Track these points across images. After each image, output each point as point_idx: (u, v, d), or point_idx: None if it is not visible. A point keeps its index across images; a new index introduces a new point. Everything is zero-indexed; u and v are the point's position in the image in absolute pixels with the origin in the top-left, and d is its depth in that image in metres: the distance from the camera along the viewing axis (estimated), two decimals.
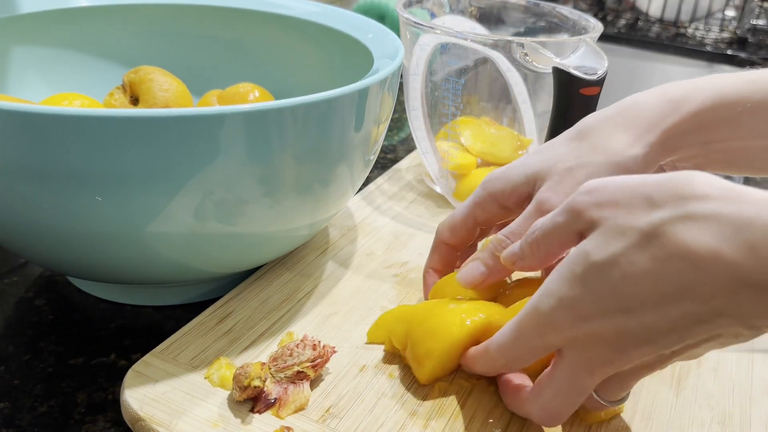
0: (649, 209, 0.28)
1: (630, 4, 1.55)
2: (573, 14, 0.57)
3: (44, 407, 0.36)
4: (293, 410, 0.35)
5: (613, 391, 0.33)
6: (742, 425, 0.37)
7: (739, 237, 0.25)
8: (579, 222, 0.30)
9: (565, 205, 0.32)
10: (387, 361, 0.39)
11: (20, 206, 0.34)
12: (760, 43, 1.40)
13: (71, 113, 0.30)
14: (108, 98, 0.52)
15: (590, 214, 0.30)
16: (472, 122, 0.57)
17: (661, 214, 0.27)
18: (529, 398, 0.34)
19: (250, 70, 0.57)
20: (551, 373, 0.32)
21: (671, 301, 0.27)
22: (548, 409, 0.33)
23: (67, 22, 0.54)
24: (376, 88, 0.39)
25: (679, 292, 0.27)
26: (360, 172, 0.44)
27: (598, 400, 0.33)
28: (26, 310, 0.44)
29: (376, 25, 0.51)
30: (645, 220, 0.28)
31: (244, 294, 0.44)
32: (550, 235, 0.33)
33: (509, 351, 0.33)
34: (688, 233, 0.26)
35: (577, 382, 0.31)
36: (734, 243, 0.26)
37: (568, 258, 0.30)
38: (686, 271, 0.26)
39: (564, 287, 0.30)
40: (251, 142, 0.34)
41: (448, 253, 0.43)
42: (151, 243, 0.36)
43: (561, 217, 0.32)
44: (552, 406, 0.33)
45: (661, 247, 0.27)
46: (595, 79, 0.45)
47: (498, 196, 0.40)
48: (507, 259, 0.36)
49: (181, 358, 0.38)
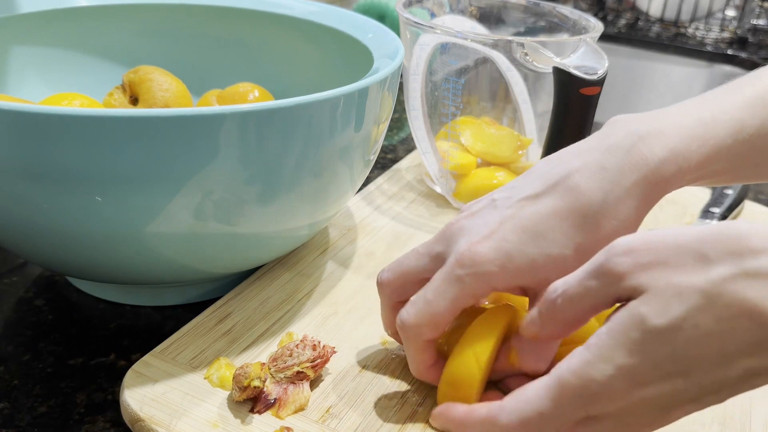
0: (705, 267, 0.26)
1: (630, 3, 1.55)
2: (573, 14, 0.57)
3: (44, 407, 0.36)
4: (293, 410, 0.35)
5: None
6: (743, 425, 0.37)
7: None
8: (618, 286, 0.28)
9: (597, 267, 0.29)
10: (387, 361, 0.39)
11: (19, 206, 0.34)
12: (760, 43, 1.40)
13: (71, 113, 0.30)
14: (107, 98, 0.51)
15: (635, 278, 0.28)
16: (472, 122, 0.57)
17: (719, 272, 0.26)
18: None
19: (250, 70, 0.57)
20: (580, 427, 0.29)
21: (733, 360, 0.26)
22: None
23: (67, 21, 0.54)
24: (376, 88, 0.39)
25: (743, 352, 0.26)
26: (360, 172, 0.44)
27: None
28: (26, 310, 0.44)
29: (376, 24, 0.51)
30: (703, 279, 0.26)
31: (244, 294, 0.44)
32: (578, 301, 0.30)
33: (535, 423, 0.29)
34: (751, 291, 0.25)
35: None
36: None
37: (622, 322, 0.28)
38: (752, 331, 0.26)
39: (621, 354, 0.27)
40: (251, 142, 0.34)
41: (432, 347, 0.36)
42: (150, 243, 0.36)
43: (594, 281, 0.29)
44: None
45: (725, 308, 0.26)
46: (595, 79, 0.45)
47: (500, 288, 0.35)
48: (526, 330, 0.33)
49: (181, 358, 0.38)
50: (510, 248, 0.34)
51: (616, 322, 0.28)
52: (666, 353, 0.27)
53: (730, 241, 0.27)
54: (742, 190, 0.62)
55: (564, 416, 0.29)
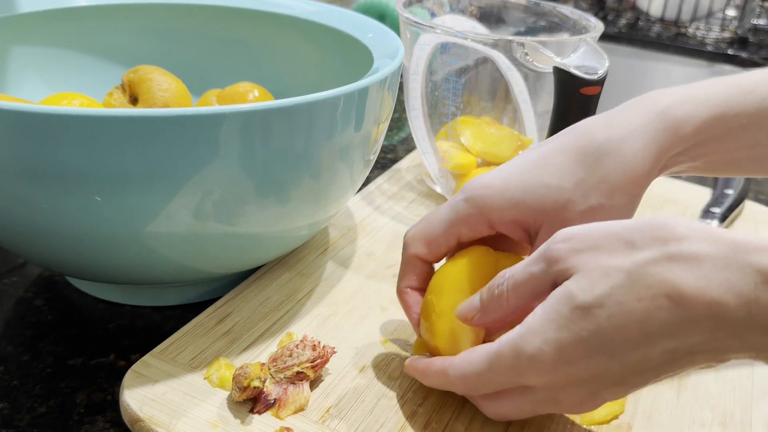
0: (631, 251, 0.28)
1: (631, 3, 1.55)
2: (573, 14, 0.57)
3: (43, 407, 0.36)
4: (293, 411, 0.35)
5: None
6: (743, 426, 0.37)
7: (720, 277, 0.26)
8: (555, 270, 0.30)
9: (540, 255, 0.31)
10: (387, 361, 0.39)
11: (19, 206, 0.34)
12: (760, 42, 1.40)
13: (70, 113, 0.30)
14: (107, 98, 0.51)
15: (569, 260, 0.29)
16: (472, 122, 0.56)
17: (643, 255, 0.28)
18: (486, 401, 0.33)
19: (250, 70, 0.57)
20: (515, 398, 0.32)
21: (654, 340, 0.28)
22: (500, 415, 0.33)
23: (67, 21, 0.54)
24: (376, 88, 0.39)
25: (662, 332, 0.27)
26: (360, 172, 0.44)
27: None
28: (25, 310, 0.44)
29: (376, 24, 0.51)
30: (629, 261, 0.28)
31: (244, 294, 0.44)
32: (522, 285, 0.31)
33: (473, 381, 0.32)
34: (672, 273, 0.27)
35: (540, 410, 0.32)
36: (717, 283, 0.26)
37: (553, 298, 0.29)
38: (671, 311, 0.27)
39: (550, 328, 0.29)
40: (251, 142, 0.34)
41: (423, 269, 0.38)
42: (150, 243, 0.36)
43: (536, 266, 0.31)
44: (505, 414, 0.33)
45: (647, 287, 0.27)
46: (595, 79, 0.45)
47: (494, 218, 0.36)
48: (463, 314, 0.34)
49: (181, 358, 0.38)
50: (509, 176, 0.35)
51: (550, 299, 0.30)
52: (591, 329, 0.28)
53: (656, 229, 0.28)
54: (743, 190, 0.62)
55: (497, 380, 0.31)
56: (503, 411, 0.33)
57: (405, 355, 0.40)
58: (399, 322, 0.43)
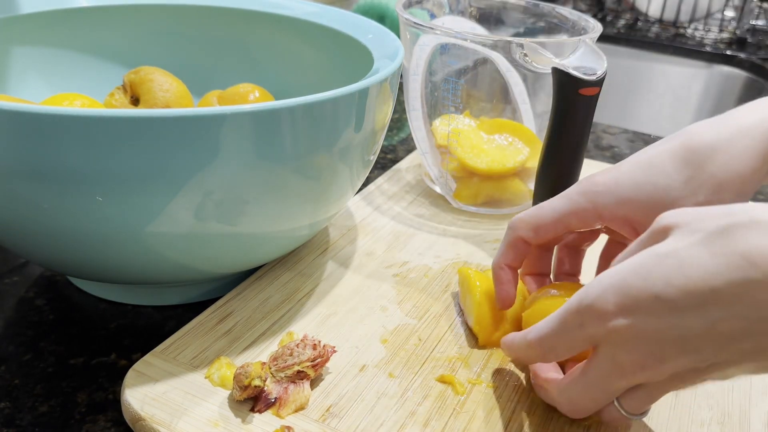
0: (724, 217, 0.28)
1: (629, 4, 1.55)
2: (572, 15, 0.57)
3: (45, 407, 0.36)
4: (293, 410, 0.35)
5: (637, 403, 0.32)
6: (742, 425, 0.37)
7: None
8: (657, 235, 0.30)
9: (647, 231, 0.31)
10: (387, 361, 0.39)
11: (20, 206, 0.34)
12: (759, 43, 1.40)
13: (71, 113, 0.30)
14: (108, 98, 0.52)
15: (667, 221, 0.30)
16: (468, 136, 0.56)
17: (732, 219, 0.27)
18: (558, 388, 0.34)
19: (250, 70, 0.57)
20: (584, 370, 0.32)
21: (719, 301, 0.27)
22: (574, 403, 0.33)
23: (68, 22, 0.54)
24: (376, 88, 0.39)
25: (729, 290, 0.26)
26: (360, 172, 0.44)
27: (619, 409, 0.32)
28: (27, 310, 0.44)
29: (375, 25, 0.51)
30: (716, 224, 0.28)
31: (244, 294, 0.44)
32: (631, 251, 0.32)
33: (548, 340, 0.33)
34: (753, 237, 0.26)
35: (607, 383, 0.31)
36: None
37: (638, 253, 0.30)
38: (742, 269, 0.26)
39: (616, 276, 0.29)
40: (251, 143, 0.34)
41: (524, 250, 0.40)
42: (151, 243, 0.36)
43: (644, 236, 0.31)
44: (578, 401, 0.33)
45: (723, 246, 0.27)
46: (594, 80, 0.45)
47: (605, 214, 0.37)
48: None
49: (182, 357, 0.38)
50: (620, 175, 0.37)
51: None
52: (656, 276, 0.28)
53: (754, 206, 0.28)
54: None
55: (567, 334, 0.32)
56: (575, 393, 0.33)
57: (405, 355, 0.40)
58: (399, 322, 0.43)
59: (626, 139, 0.82)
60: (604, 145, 0.80)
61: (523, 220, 0.40)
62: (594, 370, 0.31)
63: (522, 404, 0.37)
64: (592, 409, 0.33)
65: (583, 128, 0.48)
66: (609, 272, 0.30)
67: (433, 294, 0.46)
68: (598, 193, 0.37)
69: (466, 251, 0.52)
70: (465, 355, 0.40)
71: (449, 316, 0.44)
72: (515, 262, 0.41)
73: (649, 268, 0.28)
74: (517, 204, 0.58)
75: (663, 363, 0.29)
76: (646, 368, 0.29)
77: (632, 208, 0.36)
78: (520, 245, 0.40)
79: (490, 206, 0.58)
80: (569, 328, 0.31)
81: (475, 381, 0.38)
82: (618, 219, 0.37)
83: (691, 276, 0.27)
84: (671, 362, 0.29)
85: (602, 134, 0.83)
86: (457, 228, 0.55)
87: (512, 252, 0.40)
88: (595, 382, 0.31)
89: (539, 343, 0.33)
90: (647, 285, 0.28)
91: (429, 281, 0.47)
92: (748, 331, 0.27)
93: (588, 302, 0.30)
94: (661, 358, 0.29)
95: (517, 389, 0.38)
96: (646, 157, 0.37)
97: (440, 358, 0.40)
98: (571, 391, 0.33)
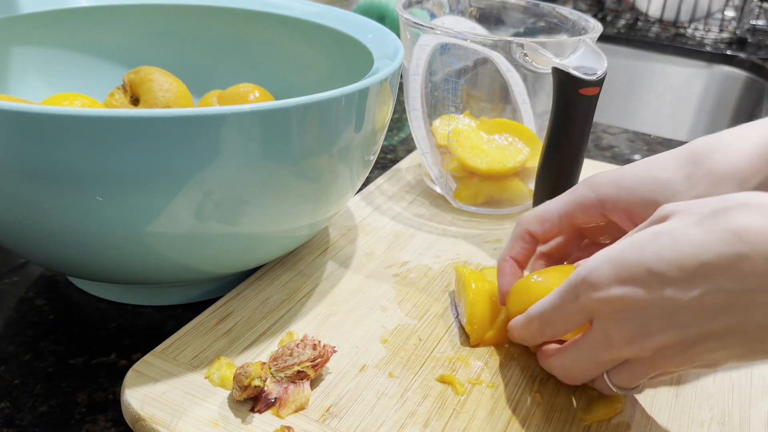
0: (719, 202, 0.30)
1: (629, 4, 1.55)
2: (572, 14, 0.57)
3: (45, 407, 0.36)
4: (293, 410, 0.35)
5: (624, 377, 0.34)
6: (742, 425, 0.37)
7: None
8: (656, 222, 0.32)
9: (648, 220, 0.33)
10: (387, 361, 0.39)
11: (20, 206, 0.34)
12: (759, 43, 1.40)
13: (71, 113, 0.30)
14: (108, 98, 0.52)
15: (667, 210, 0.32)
16: (468, 136, 0.56)
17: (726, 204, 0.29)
18: (554, 356, 0.36)
19: (250, 70, 0.57)
20: (577, 341, 0.35)
21: (707, 274, 0.28)
22: (567, 371, 0.36)
23: (68, 22, 0.54)
24: (376, 88, 0.39)
25: (718, 264, 0.28)
26: (360, 172, 0.44)
27: (607, 381, 0.34)
28: (27, 310, 0.44)
29: (376, 25, 0.51)
30: (710, 208, 0.30)
31: (244, 294, 0.44)
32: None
33: (546, 314, 0.35)
34: (744, 216, 0.28)
35: (596, 355, 0.33)
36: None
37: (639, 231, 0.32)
38: (731, 244, 0.28)
39: (613, 251, 0.31)
40: (251, 143, 0.34)
41: (530, 244, 0.42)
42: (151, 243, 0.36)
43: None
44: (570, 370, 0.36)
45: (715, 224, 0.28)
46: (594, 80, 0.45)
47: (608, 205, 0.39)
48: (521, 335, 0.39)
49: (182, 357, 0.38)
50: (624, 171, 0.39)
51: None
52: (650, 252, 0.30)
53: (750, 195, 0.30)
54: None
55: (564, 308, 0.34)
56: (568, 360, 0.35)
57: (405, 355, 0.40)
58: (399, 322, 0.43)
59: (626, 139, 0.82)
60: (604, 145, 0.80)
61: (530, 215, 0.42)
62: (586, 342, 0.34)
63: (522, 404, 0.37)
64: (583, 379, 0.36)
65: (583, 128, 0.48)
66: (606, 248, 0.32)
67: (433, 294, 0.46)
68: (601, 184, 0.39)
69: (466, 251, 0.52)
70: (465, 355, 0.40)
71: (449, 316, 0.44)
72: (520, 255, 0.42)
73: (643, 244, 0.30)
74: (517, 204, 0.58)
75: (649, 337, 0.31)
76: (633, 342, 0.31)
77: (634, 200, 0.38)
78: (527, 239, 0.42)
79: (490, 206, 0.58)
80: (566, 302, 0.33)
81: (475, 381, 0.38)
82: (620, 211, 0.39)
83: (683, 251, 0.29)
84: (657, 337, 0.30)
85: (602, 134, 0.83)
86: (457, 228, 0.55)
87: (518, 245, 0.42)
88: (586, 353, 0.34)
89: (539, 316, 0.36)
90: (641, 258, 0.30)
91: (429, 281, 0.48)
92: (734, 305, 0.28)
93: (584, 274, 0.32)
94: (648, 332, 0.30)
95: (517, 389, 0.38)
96: (651, 158, 0.40)
97: (440, 358, 0.40)
98: (565, 359, 0.35)
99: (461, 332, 0.42)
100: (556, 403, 0.37)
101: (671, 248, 0.29)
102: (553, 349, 0.37)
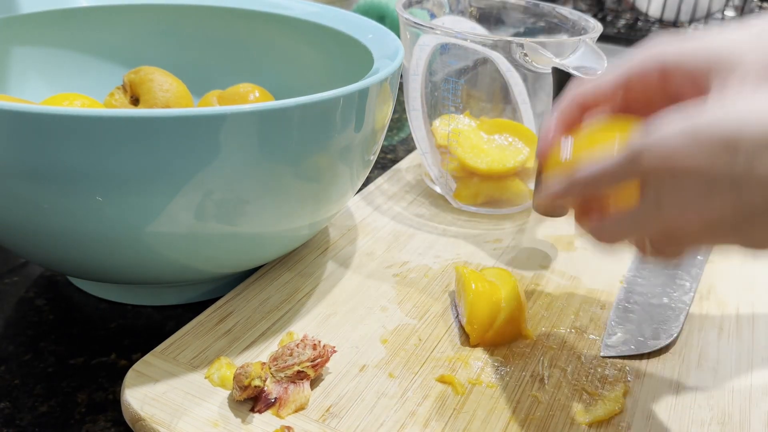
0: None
1: (629, 4, 1.55)
2: (572, 15, 0.57)
3: (45, 407, 0.36)
4: (293, 410, 0.35)
5: (664, 247, 0.32)
6: (742, 425, 0.37)
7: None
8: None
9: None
10: (387, 361, 0.39)
11: (20, 206, 0.34)
12: None
13: (71, 113, 0.31)
14: (108, 98, 0.52)
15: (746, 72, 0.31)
16: (468, 136, 0.56)
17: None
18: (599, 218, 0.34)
19: (250, 70, 0.57)
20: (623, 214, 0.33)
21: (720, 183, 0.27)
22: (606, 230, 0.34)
23: (68, 22, 0.54)
24: (376, 88, 0.39)
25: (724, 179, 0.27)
26: (360, 172, 0.44)
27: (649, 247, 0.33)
28: (27, 310, 0.44)
29: (375, 25, 0.51)
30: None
31: (244, 294, 0.44)
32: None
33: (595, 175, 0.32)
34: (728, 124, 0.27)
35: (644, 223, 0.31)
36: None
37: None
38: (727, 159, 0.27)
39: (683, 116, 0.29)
40: (251, 143, 0.34)
41: (578, 113, 0.38)
42: (151, 243, 0.36)
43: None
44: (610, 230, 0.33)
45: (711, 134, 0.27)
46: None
47: (667, 62, 0.35)
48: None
49: (182, 357, 0.38)
50: (686, 38, 0.35)
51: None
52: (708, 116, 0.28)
53: None
54: None
55: (622, 168, 0.31)
56: (609, 223, 0.33)
57: (404, 355, 0.40)
58: (399, 322, 0.43)
59: None
60: None
61: (585, 80, 0.38)
62: (634, 209, 0.31)
63: (522, 404, 0.37)
64: (619, 242, 0.34)
65: None
66: (673, 114, 0.30)
67: (433, 294, 0.46)
68: (663, 43, 0.36)
69: (466, 251, 0.52)
70: (465, 355, 0.40)
71: (449, 316, 0.44)
72: (566, 115, 0.38)
73: (717, 112, 0.28)
74: (517, 204, 0.58)
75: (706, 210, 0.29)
76: (686, 213, 0.30)
77: (698, 61, 0.35)
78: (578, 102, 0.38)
79: (490, 206, 0.58)
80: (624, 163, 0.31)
81: (475, 381, 0.38)
82: (681, 75, 0.35)
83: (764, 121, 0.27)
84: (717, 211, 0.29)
85: None
86: (457, 228, 0.55)
87: (568, 107, 0.38)
88: (632, 220, 0.32)
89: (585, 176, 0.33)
90: (716, 125, 0.28)
91: (429, 281, 0.48)
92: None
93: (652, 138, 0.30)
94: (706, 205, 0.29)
95: (517, 389, 0.38)
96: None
97: (440, 358, 0.40)
98: (608, 222, 0.33)
99: (461, 332, 0.42)
100: (556, 403, 0.37)
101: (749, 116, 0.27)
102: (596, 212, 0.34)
